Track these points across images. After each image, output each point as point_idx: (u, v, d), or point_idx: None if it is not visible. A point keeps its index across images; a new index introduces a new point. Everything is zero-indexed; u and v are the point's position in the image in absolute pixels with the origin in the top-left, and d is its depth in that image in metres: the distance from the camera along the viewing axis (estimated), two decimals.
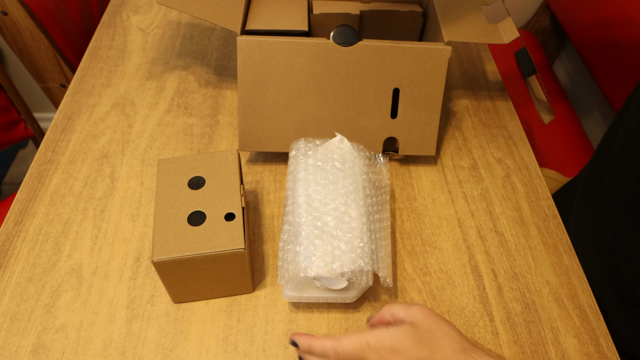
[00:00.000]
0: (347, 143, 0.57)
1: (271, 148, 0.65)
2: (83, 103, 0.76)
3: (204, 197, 0.52)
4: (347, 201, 0.52)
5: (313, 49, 0.59)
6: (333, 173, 0.54)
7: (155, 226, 0.49)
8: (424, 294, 0.56)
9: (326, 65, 0.60)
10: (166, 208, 0.51)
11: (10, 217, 0.61)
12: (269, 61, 0.60)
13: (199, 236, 0.48)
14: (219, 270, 0.50)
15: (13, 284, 0.55)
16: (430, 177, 0.67)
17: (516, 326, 0.53)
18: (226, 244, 0.48)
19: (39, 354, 0.50)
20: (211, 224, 0.49)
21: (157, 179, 0.53)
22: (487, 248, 0.60)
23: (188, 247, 0.48)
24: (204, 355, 0.51)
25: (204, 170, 0.54)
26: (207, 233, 0.49)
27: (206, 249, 0.47)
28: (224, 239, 0.48)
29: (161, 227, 0.49)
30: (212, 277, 0.51)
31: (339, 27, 0.60)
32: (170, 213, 0.50)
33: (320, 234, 0.49)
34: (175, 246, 0.48)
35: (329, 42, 0.59)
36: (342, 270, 0.48)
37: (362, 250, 0.49)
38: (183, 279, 0.50)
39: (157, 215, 0.50)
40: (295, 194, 0.53)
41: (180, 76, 0.81)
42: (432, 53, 0.60)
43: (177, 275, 0.50)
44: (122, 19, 0.91)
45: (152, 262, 0.47)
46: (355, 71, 0.61)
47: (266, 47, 0.59)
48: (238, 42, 0.59)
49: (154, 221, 0.50)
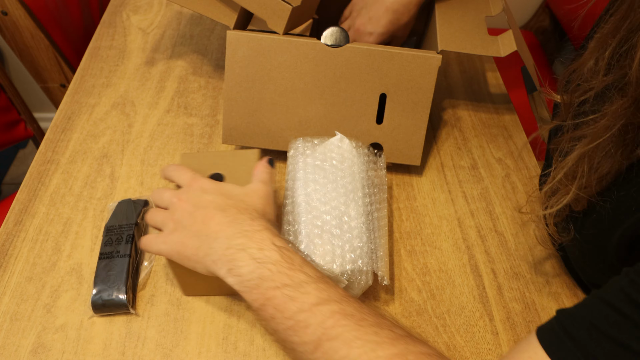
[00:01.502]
0: (347, 142, 0.57)
1: (255, 144, 0.65)
2: (83, 103, 0.76)
3: None
4: (347, 200, 0.52)
5: (301, 48, 0.59)
6: (332, 172, 0.54)
7: None
8: (424, 294, 0.56)
9: (313, 65, 0.60)
10: None
11: (10, 217, 0.61)
12: (256, 57, 0.60)
13: None
14: None
15: (13, 284, 0.55)
16: (430, 177, 0.67)
17: (516, 326, 0.53)
18: None
19: (39, 354, 0.50)
20: None
21: None
22: (487, 248, 0.60)
23: None
24: (204, 355, 0.51)
25: (224, 167, 0.54)
26: None
27: None
28: None
29: None
30: None
31: (331, 28, 0.60)
32: None
33: (320, 233, 0.49)
34: None
35: (317, 42, 0.59)
36: (342, 269, 0.48)
37: (361, 250, 0.49)
38: (194, 273, 0.50)
39: None
40: (294, 193, 0.53)
41: (180, 76, 0.81)
42: (421, 60, 0.59)
43: (188, 269, 0.50)
44: (122, 19, 0.91)
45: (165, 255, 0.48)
46: (342, 73, 0.60)
47: (255, 43, 0.60)
48: (228, 36, 0.60)
49: None
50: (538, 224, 0.50)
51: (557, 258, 0.59)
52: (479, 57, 0.86)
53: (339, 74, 0.60)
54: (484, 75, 0.83)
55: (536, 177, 0.67)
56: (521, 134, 0.73)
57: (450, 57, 0.86)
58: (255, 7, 0.58)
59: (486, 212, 0.64)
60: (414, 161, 0.65)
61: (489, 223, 0.62)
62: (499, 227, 0.62)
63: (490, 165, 0.69)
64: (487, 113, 0.76)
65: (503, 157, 0.70)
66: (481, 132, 0.73)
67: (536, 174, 0.68)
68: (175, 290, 0.55)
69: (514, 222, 0.63)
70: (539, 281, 0.57)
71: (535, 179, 0.67)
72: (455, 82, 0.81)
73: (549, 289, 0.57)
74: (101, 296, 0.52)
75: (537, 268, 0.58)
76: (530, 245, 0.60)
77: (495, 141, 0.72)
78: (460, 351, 0.51)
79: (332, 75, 0.61)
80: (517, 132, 0.73)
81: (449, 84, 0.81)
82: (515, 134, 0.73)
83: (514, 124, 0.75)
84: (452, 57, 0.86)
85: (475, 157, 0.70)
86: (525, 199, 0.65)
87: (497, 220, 0.63)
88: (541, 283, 0.57)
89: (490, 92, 0.80)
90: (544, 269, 0.58)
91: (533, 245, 0.60)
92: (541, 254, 0.60)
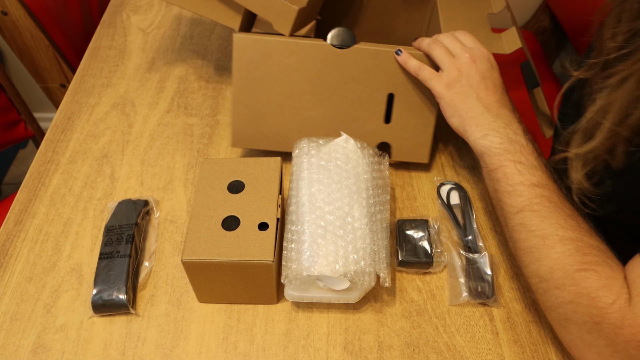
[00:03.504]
0: (352, 142, 0.57)
1: (264, 146, 0.65)
2: (83, 103, 0.76)
3: (241, 202, 0.52)
4: (351, 201, 0.52)
5: (309, 50, 0.59)
6: (336, 172, 0.54)
7: (190, 225, 0.50)
8: (424, 294, 0.56)
9: (321, 66, 0.60)
10: (203, 209, 0.51)
11: (10, 217, 0.61)
12: (264, 60, 0.60)
13: (231, 242, 0.49)
14: (245, 278, 0.50)
15: (13, 284, 0.55)
16: (430, 177, 0.67)
17: (516, 326, 0.53)
18: (255, 253, 0.48)
19: (39, 354, 0.50)
20: (244, 230, 0.50)
21: (199, 178, 0.54)
22: (487, 248, 0.60)
23: (218, 251, 0.48)
24: (204, 355, 0.51)
25: (245, 175, 0.54)
26: (239, 240, 0.49)
27: (235, 256, 0.48)
28: (254, 249, 0.48)
29: (195, 227, 0.50)
30: (239, 283, 0.51)
31: (337, 28, 0.60)
32: (206, 214, 0.51)
33: (324, 233, 0.49)
34: (206, 248, 0.48)
35: (324, 44, 0.59)
36: (345, 270, 0.48)
37: (364, 251, 0.49)
38: (209, 281, 0.51)
39: (194, 214, 0.51)
40: (298, 193, 0.53)
41: (180, 76, 0.81)
42: (428, 60, 0.59)
43: (204, 277, 0.50)
44: (122, 19, 0.91)
45: (182, 262, 0.48)
46: (350, 74, 0.60)
47: (262, 46, 0.59)
48: (234, 39, 0.59)
49: (190, 220, 0.50)
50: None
51: None
52: None
53: (347, 75, 0.60)
54: None
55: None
56: None
57: None
58: (260, 9, 0.58)
59: (486, 212, 0.64)
60: (422, 159, 0.65)
61: (489, 223, 0.62)
62: (499, 227, 0.62)
63: None
64: None
65: None
66: None
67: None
68: (175, 291, 0.55)
69: None
70: None
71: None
72: None
73: None
74: (101, 296, 0.52)
75: None
76: None
77: None
78: (460, 351, 0.51)
79: (340, 76, 0.60)
80: None
81: None
82: None
83: None
84: None
85: (475, 157, 0.70)
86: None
87: (497, 220, 0.63)
88: None
89: None
90: None
91: None
92: None
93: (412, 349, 0.51)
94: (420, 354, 0.51)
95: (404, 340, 0.52)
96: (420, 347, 0.51)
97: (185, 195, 0.64)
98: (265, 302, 0.54)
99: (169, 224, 0.61)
